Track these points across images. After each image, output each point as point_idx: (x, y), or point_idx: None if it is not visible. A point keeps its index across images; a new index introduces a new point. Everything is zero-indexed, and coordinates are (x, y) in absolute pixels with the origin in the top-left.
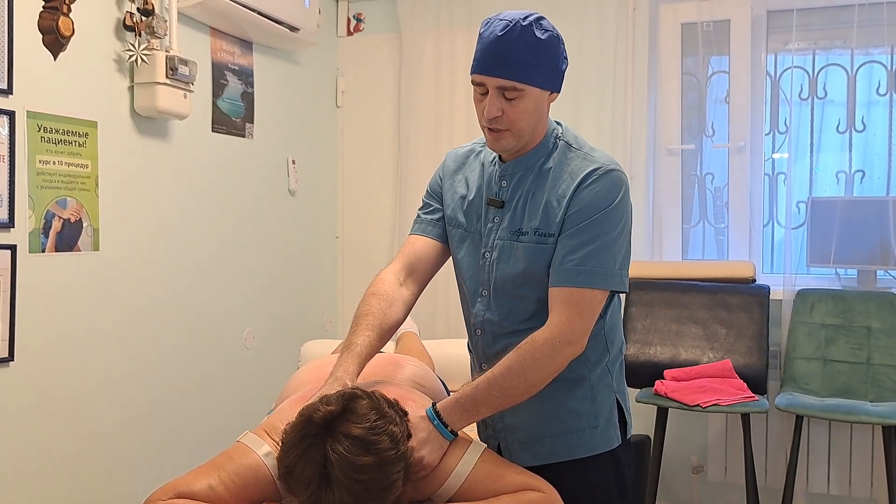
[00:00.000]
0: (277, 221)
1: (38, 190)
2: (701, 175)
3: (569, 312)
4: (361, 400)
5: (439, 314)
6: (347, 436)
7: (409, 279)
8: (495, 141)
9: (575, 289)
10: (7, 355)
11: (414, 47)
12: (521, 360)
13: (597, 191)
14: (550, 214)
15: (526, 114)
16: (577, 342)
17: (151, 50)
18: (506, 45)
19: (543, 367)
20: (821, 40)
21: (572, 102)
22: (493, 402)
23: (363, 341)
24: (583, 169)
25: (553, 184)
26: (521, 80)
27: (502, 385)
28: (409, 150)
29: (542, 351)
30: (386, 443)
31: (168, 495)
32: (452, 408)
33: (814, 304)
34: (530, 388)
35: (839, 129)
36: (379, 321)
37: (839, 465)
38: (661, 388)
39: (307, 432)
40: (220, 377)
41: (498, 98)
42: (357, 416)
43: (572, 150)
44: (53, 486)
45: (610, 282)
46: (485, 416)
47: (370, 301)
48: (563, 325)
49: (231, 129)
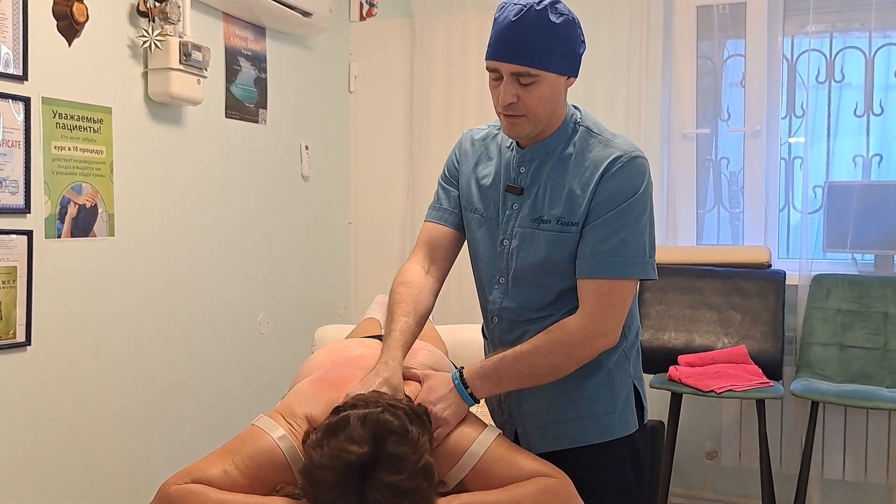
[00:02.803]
0: (290, 207)
1: (53, 176)
2: (716, 159)
3: (601, 304)
4: (391, 435)
5: (453, 299)
6: (384, 483)
7: (433, 267)
8: (511, 127)
9: (607, 280)
10: (24, 339)
11: (426, 32)
12: (551, 343)
13: (622, 179)
14: (574, 203)
15: (542, 99)
16: (610, 334)
17: (165, 36)
18: (520, 30)
19: (572, 355)
20: (838, 23)
21: (585, 86)
22: (516, 376)
23: (401, 327)
24: (606, 156)
25: (575, 171)
26: (535, 66)
27: (528, 362)
28: (422, 135)
29: (572, 338)
30: (422, 485)
31: (184, 480)
32: (476, 373)
33: (830, 290)
34: (555, 371)
35: (856, 112)
36: (412, 307)
37: (855, 452)
38: (675, 373)
39: (342, 477)
40: (234, 362)
41: (513, 84)
42: (392, 461)
43: (593, 136)
44: (69, 469)
45: (642, 270)
46: (506, 389)
47: (400, 290)
48: (595, 317)
49: (244, 115)
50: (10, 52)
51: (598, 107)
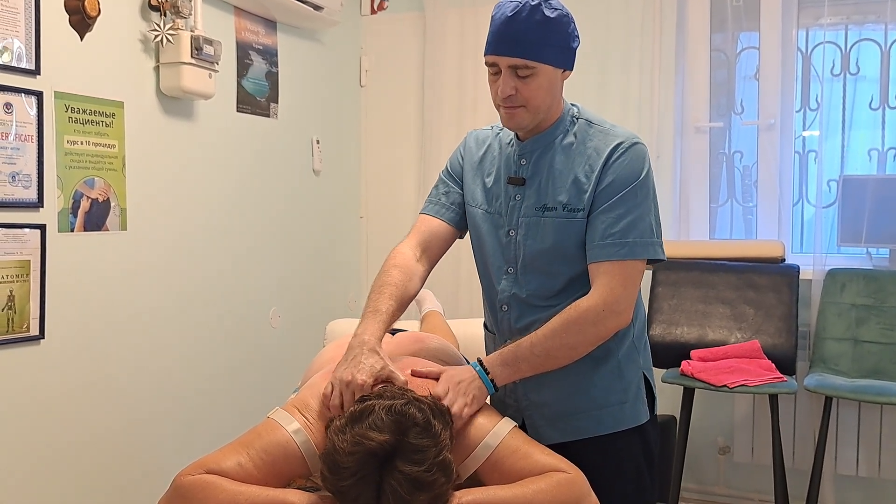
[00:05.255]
0: (302, 201)
1: (66, 170)
2: (729, 153)
3: (612, 283)
4: (414, 426)
5: (462, 293)
6: (402, 473)
7: (423, 257)
8: (510, 118)
9: (617, 262)
10: (38, 333)
11: (437, 26)
12: (565, 323)
13: (625, 165)
14: (579, 189)
15: (540, 90)
16: (623, 313)
17: (176, 30)
18: (516, 25)
19: (586, 333)
20: (854, 14)
21: (599, 79)
22: (534, 361)
23: (388, 308)
24: (608, 144)
25: (578, 160)
26: (532, 58)
27: (545, 346)
28: (433, 129)
29: (585, 317)
30: (440, 479)
31: (198, 471)
32: (495, 360)
33: (844, 284)
34: (571, 353)
35: (872, 105)
36: (401, 292)
37: (868, 447)
38: (687, 368)
39: (362, 464)
40: (246, 356)
41: (511, 77)
42: (413, 452)
43: (593, 126)
44: (82, 461)
45: (651, 251)
46: (525, 374)
47: (392, 272)
48: (607, 296)
49: (256, 109)
50: (22, 46)
51: (611, 100)
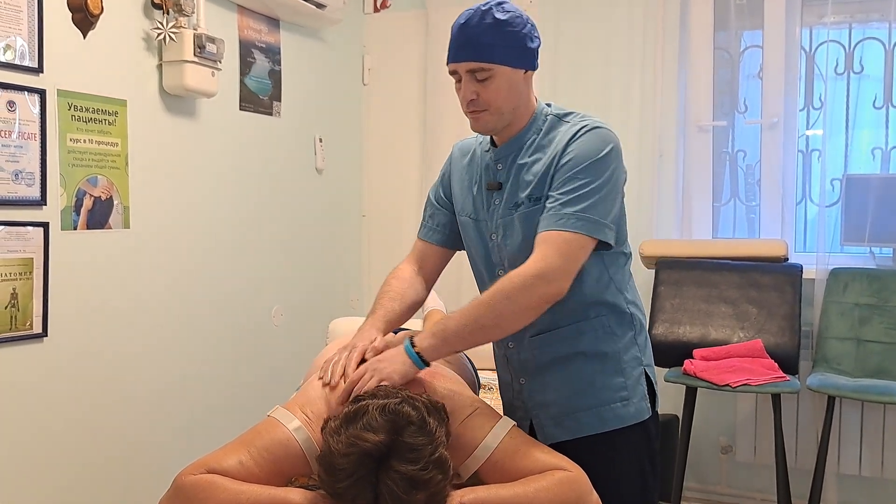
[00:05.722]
0: (304, 200)
1: (69, 168)
2: (732, 152)
3: (547, 252)
4: (409, 425)
5: (464, 292)
6: (399, 472)
7: (421, 272)
8: (476, 122)
9: (557, 231)
10: (41, 331)
11: (440, 24)
12: (493, 293)
13: (584, 142)
14: (542, 178)
15: (500, 92)
16: (554, 282)
17: (179, 28)
18: (469, 31)
19: (514, 301)
20: (857, 13)
21: (601, 78)
22: (464, 333)
23: (387, 307)
24: (571, 130)
25: (544, 152)
26: (486, 60)
27: (472, 315)
28: (436, 127)
29: (513, 284)
30: (437, 477)
31: (199, 471)
32: (424, 334)
33: (847, 284)
34: (500, 322)
35: (876, 104)
36: (401, 295)
37: (871, 447)
38: (690, 367)
39: (358, 465)
40: (248, 354)
41: (470, 81)
42: (408, 451)
43: (563, 122)
44: (84, 459)
45: (594, 230)
46: (458, 349)
47: (391, 282)
48: (538, 262)
49: (258, 108)
50: (25, 44)
51: (614, 99)
